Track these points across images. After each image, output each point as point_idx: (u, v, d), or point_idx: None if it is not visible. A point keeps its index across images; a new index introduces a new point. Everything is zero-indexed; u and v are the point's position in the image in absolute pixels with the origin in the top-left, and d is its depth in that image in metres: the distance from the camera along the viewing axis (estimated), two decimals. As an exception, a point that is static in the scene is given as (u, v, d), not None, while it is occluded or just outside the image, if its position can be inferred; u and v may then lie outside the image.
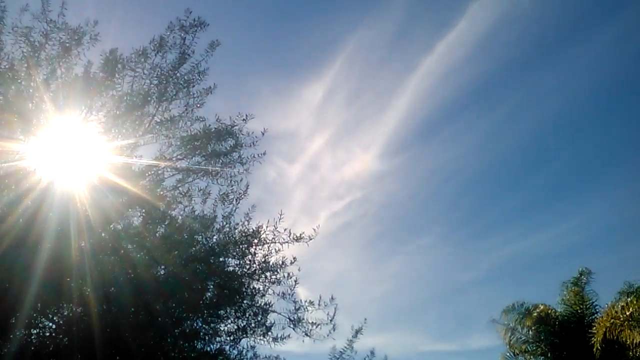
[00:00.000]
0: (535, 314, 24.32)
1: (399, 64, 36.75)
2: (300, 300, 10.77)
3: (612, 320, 20.43)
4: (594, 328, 21.24)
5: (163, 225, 11.26)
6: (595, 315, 23.38)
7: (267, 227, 11.07)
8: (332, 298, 10.69)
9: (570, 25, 36.07)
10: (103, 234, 10.30)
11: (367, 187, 39.06)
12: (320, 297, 10.74)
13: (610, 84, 37.23)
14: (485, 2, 31.80)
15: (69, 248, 9.63)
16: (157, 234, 11.13)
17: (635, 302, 20.16)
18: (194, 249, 11.00)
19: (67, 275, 9.60)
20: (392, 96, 36.05)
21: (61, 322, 10.42)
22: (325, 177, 36.36)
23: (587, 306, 24.13)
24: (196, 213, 11.50)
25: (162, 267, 10.85)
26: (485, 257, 43.09)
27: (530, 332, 24.62)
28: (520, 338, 24.96)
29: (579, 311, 24.12)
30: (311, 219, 32.58)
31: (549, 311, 24.45)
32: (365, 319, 11.18)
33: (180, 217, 11.42)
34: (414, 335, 41.43)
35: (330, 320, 10.66)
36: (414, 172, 41.88)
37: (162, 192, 11.29)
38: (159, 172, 11.34)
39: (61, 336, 10.10)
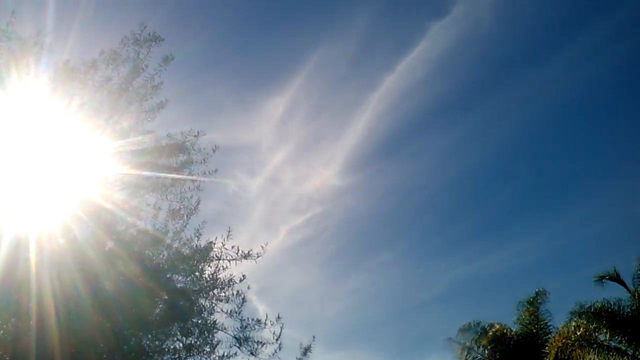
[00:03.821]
0: (491, 333, 24.49)
1: (360, 81, 37.17)
2: (247, 319, 10.69)
3: (563, 341, 20.64)
4: (547, 348, 21.44)
5: (112, 240, 11.03)
6: (549, 335, 23.64)
7: (218, 243, 11.01)
8: (278, 317, 10.62)
9: (528, 48, 36.90)
10: (45, 248, 10.05)
11: (327, 203, 39.17)
12: (266, 316, 10.67)
13: (568, 107, 38.16)
14: (445, 23, 32.44)
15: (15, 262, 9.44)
16: (105, 249, 10.91)
17: (586, 323, 20.42)
18: (144, 263, 10.81)
19: (10, 289, 9.38)
20: (353, 113, 36.42)
21: (4, 337, 10.12)
22: (286, 191, 36.40)
23: (542, 326, 24.40)
24: (146, 228, 11.31)
25: (110, 282, 10.63)
26: (443, 275, 43.46)
27: (486, 351, 24.78)
28: (476, 357, 25.09)
29: (534, 331, 24.35)
30: (271, 234, 32.46)
31: (505, 330, 24.65)
32: (314, 337, 11.27)
33: (129, 232, 11.21)
34: (372, 353, 41.55)
35: (277, 339, 10.58)
36: (374, 189, 42.20)
37: (110, 207, 11.09)
38: (108, 185, 11.16)
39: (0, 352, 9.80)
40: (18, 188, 10.47)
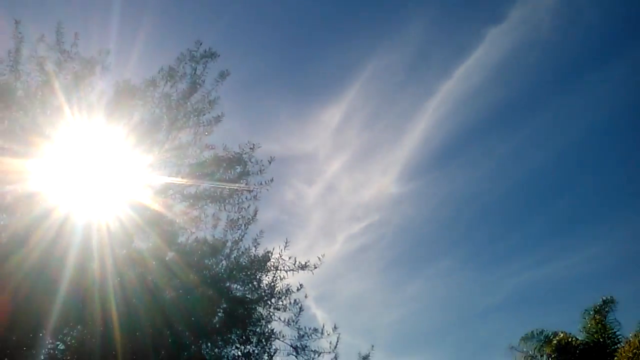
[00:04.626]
0: (555, 342, 23.78)
1: (417, 88, 36.76)
2: (305, 328, 10.79)
3: (634, 351, 19.99)
4: (616, 358, 20.77)
5: (173, 250, 11.30)
6: (618, 345, 22.84)
7: (275, 253, 11.18)
8: (335, 327, 10.69)
9: (589, 52, 35.82)
10: (109, 258, 10.40)
11: (384, 210, 38.77)
12: (323, 326, 10.75)
13: (631, 109, 36.74)
14: (504, 27, 31.85)
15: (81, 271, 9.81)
16: (166, 258, 11.19)
17: (658, 333, 19.73)
18: (203, 273, 11.04)
19: (77, 297, 9.74)
20: (410, 120, 36.06)
21: (71, 343, 10.50)
22: (343, 199, 36.33)
23: (609, 335, 23.54)
24: (205, 238, 11.55)
25: (170, 291, 10.89)
26: (505, 282, 42.24)
27: (550, 360, 24.09)
28: (540, 366, 24.45)
29: (601, 340, 23.55)
30: (329, 241, 32.43)
31: (570, 339, 23.91)
32: (373, 346, 11.30)
33: (189, 243, 11.49)
34: (432, 361, 40.82)
35: (333, 349, 10.66)
36: (432, 196, 41.49)
37: (171, 219, 11.41)
38: (168, 199, 11.48)
39: (69, 359, 10.19)
40: (83, 201, 10.90)
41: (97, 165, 11.08)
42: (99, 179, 11.07)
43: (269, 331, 10.82)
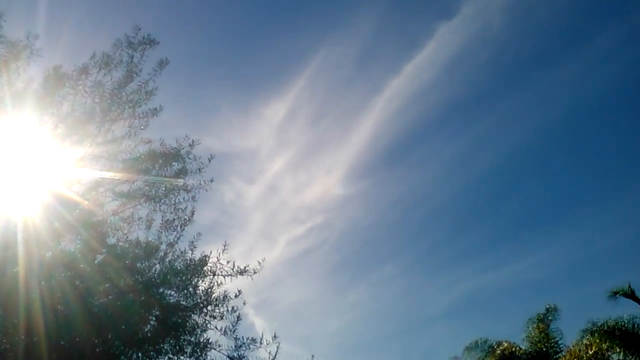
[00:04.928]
0: (498, 352, 23.78)
1: (364, 84, 36.44)
2: (242, 337, 10.32)
3: (574, 360, 20.17)
4: (557, 367, 20.92)
5: (102, 253, 10.61)
6: (560, 354, 23.01)
7: (213, 257, 10.66)
8: (274, 336, 10.27)
9: (540, 51, 36.27)
10: (34, 260, 9.66)
11: (329, 212, 38.31)
12: (262, 335, 10.28)
13: (582, 111, 37.39)
14: (454, 24, 31.86)
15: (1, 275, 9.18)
16: (96, 261, 10.49)
17: (598, 341, 19.87)
18: (135, 277, 10.40)
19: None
20: (357, 118, 35.74)
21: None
22: (286, 200, 35.65)
23: (552, 344, 23.71)
24: (138, 240, 10.89)
25: (99, 298, 10.22)
26: (450, 290, 42.43)
27: (494, 371, 24.06)
28: (484, 376, 24.38)
29: (544, 349, 23.67)
30: (270, 244, 31.67)
31: (513, 349, 23.96)
32: (313, 356, 10.85)
33: (120, 245, 10.79)
34: (374, 372, 40.52)
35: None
36: (378, 198, 41.35)
37: (101, 218, 10.69)
38: (99, 196, 10.76)
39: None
40: (5, 197, 10.14)
41: (23, 158, 10.34)
42: (23, 174, 10.34)
43: (205, 341, 10.30)
